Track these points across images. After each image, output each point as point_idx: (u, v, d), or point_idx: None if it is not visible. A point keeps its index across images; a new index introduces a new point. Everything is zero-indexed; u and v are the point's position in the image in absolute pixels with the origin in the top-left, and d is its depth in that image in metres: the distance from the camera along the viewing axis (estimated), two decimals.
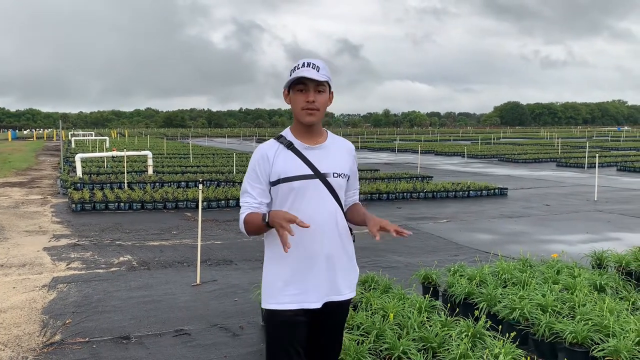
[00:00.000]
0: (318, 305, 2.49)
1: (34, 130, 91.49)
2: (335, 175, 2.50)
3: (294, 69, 2.43)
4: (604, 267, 5.88)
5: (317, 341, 2.60)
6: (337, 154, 2.56)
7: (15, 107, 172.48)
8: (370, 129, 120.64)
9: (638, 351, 3.59)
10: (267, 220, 2.34)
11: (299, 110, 2.45)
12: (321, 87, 2.44)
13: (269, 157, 2.47)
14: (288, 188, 2.45)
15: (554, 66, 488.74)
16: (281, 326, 2.49)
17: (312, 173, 2.46)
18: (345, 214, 2.61)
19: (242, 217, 2.49)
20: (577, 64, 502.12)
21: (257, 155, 2.52)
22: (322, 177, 2.47)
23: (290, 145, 2.49)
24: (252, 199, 2.48)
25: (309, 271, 2.47)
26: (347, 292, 2.58)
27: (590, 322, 3.96)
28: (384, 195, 13.66)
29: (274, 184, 2.48)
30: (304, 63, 2.42)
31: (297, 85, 2.42)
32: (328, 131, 2.63)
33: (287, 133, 2.55)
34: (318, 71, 2.40)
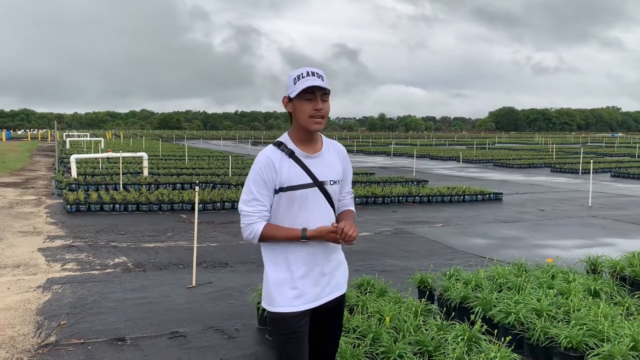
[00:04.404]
0: (323, 301, 2.62)
1: (28, 130, 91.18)
2: (332, 182, 2.62)
3: (298, 78, 2.49)
4: (599, 273, 5.91)
5: (320, 336, 2.71)
6: (332, 161, 2.66)
7: (10, 107, 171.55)
8: (366, 133, 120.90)
9: (632, 356, 3.62)
10: (306, 236, 2.51)
11: (306, 118, 2.50)
12: (326, 96, 2.53)
13: (275, 165, 2.52)
14: (290, 197, 2.53)
15: (545, 72, 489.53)
16: (290, 327, 2.56)
17: (312, 182, 2.55)
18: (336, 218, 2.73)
19: (256, 227, 2.52)
20: (568, 71, 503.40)
21: (262, 162, 2.54)
22: (321, 185, 2.58)
23: (292, 154, 2.55)
24: (261, 206, 2.53)
25: (312, 272, 2.59)
26: (343, 287, 2.75)
27: (584, 327, 3.98)
28: (380, 199, 13.69)
29: (276, 192, 2.55)
30: (308, 72, 2.49)
31: (305, 94, 2.48)
32: (322, 135, 2.69)
33: (286, 140, 2.60)
34: (323, 80, 2.49)
